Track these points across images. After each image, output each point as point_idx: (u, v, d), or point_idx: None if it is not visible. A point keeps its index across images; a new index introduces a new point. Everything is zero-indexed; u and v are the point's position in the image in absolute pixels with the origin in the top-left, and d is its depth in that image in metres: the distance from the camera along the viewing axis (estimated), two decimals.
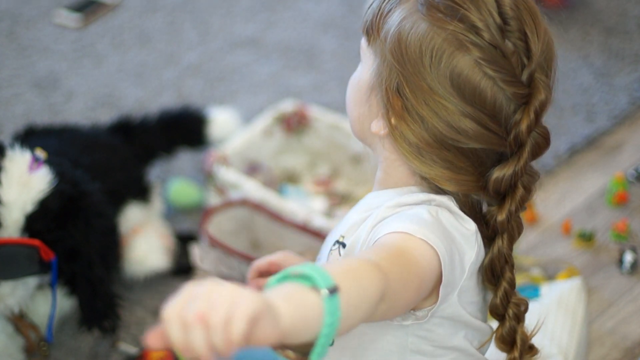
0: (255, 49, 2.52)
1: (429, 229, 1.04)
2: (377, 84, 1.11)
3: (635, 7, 2.61)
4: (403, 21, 1.09)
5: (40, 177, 1.52)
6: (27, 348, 1.61)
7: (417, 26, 1.07)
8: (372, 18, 1.13)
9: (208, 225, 1.79)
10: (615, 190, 1.99)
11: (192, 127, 2.00)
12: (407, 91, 1.08)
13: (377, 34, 1.11)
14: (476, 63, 1.05)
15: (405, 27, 1.08)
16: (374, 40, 1.12)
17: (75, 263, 1.55)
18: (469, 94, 1.06)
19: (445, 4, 1.07)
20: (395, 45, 1.08)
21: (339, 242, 1.16)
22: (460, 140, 1.08)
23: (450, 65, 1.06)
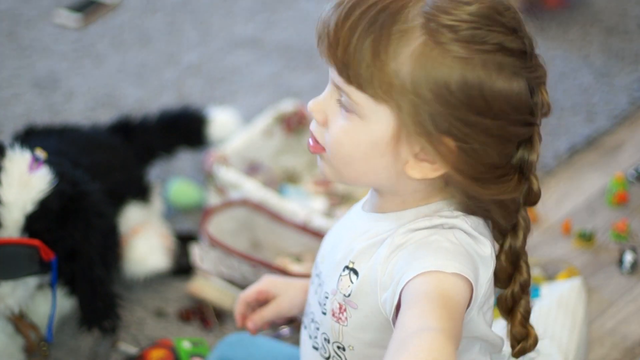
0: (255, 49, 2.52)
1: (457, 259, 1.04)
2: (409, 133, 1.06)
3: (635, 7, 2.61)
4: (428, 64, 1.03)
5: (40, 177, 1.52)
6: (27, 348, 1.61)
7: (450, 65, 1.03)
8: (365, 72, 1.04)
9: (208, 225, 1.79)
10: (615, 190, 1.99)
11: (192, 127, 2.00)
12: (463, 130, 1.05)
13: (388, 87, 1.04)
14: (513, 73, 1.06)
15: (437, 70, 1.03)
16: (385, 93, 1.05)
17: (75, 263, 1.55)
18: (518, 104, 1.07)
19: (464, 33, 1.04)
20: (435, 92, 1.03)
21: (350, 268, 1.13)
22: (511, 147, 1.09)
23: (502, 90, 1.05)
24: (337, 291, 1.14)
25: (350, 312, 1.12)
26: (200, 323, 1.76)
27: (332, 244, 1.21)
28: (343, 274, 1.13)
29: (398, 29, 1.03)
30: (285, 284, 1.34)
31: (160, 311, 1.78)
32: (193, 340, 1.67)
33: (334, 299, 1.14)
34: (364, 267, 1.11)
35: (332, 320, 1.14)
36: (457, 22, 1.03)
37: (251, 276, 1.74)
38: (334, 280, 1.15)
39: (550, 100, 1.12)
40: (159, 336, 1.72)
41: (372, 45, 1.03)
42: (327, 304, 1.15)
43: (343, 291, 1.12)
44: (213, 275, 1.78)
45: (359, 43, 1.04)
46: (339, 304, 1.13)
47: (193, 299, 1.80)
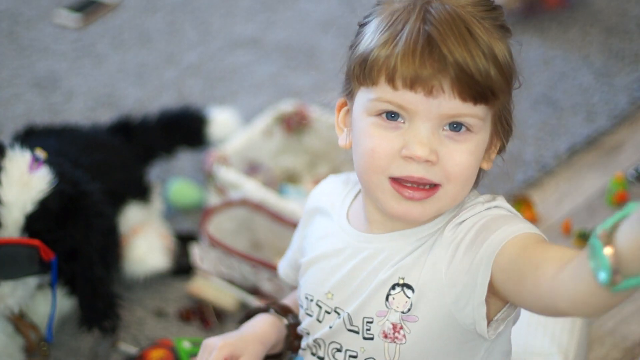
0: (255, 49, 2.52)
1: (525, 222, 1.09)
2: (497, 125, 1.12)
3: (635, 7, 2.61)
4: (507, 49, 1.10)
5: (40, 177, 1.52)
6: (27, 348, 1.61)
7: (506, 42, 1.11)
8: (496, 80, 1.07)
9: (208, 225, 1.79)
10: (615, 190, 1.99)
11: (192, 127, 2.00)
12: (509, 99, 1.12)
13: (507, 84, 1.10)
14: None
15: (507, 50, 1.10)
16: (503, 93, 1.10)
17: (75, 263, 1.55)
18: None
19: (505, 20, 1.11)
20: (509, 71, 1.10)
21: (401, 284, 1.12)
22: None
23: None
24: (388, 311, 1.13)
25: (409, 328, 1.12)
26: (200, 323, 1.76)
27: (342, 274, 1.18)
28: (393, 293, 1.12)
29: (478, 28, 1.07)
30: (242, 343, 1.28)
31: (160, 311, 1.78)
32: (193, 340, 1.67)
33: (385, 321, 1.13)
34: (417, 278, 1.11)
35: (386, 342, 1.13)
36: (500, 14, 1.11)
37: (251, 276, 1.74)
38: (378, 303, 1.13)
39: (550, 100, 1.14)
40: (159, 336, 1.72)
41: (484, 55, 1.06)
42: (372, 328, 1.14)
43: (400, 309, 1.12)
44: (213, 275, 1.78)
45: (478, 58, 1.06)
46: (393, 323, 1.13)
47: (193, 299, 1.80)
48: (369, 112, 1.11)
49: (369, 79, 1.10)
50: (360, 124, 1.12)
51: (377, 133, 1.10)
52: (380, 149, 1.10)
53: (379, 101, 1.09)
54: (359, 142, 1.13)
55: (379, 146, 1.10)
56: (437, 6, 1.08)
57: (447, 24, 1.05)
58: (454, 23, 1.05)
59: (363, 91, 1.12)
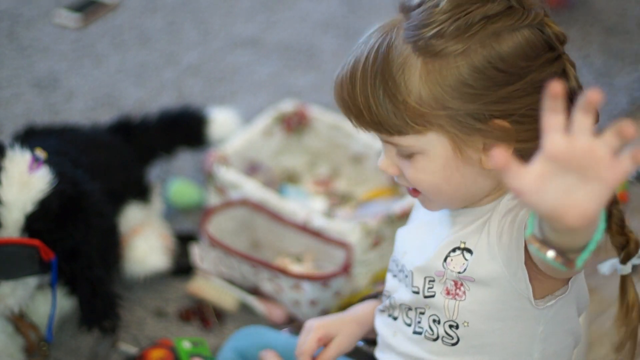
0: (255, 49, 2.52)
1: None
2: (464, 140, 1.10)
3: (635, 7, 2.61)
4: (438, 77, 1.08)
5: (40, 177, 1.52)
6: (27, 348, 1.61)
7: (455, 65, 1.07)
8: (396, 120, 1.10)
9: (208, 225, 1.79)
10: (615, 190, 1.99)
11: (192, 127, 2.00)
12: (503, 107, 1.09)
13: (421, 118, 1.09)
14: (511, 30, 1.09)
15: (448, 77, 1.08)
16: (423, 124, 1.09)
17: (75, 263, 1.55)
18: (534, 52, 1.10)
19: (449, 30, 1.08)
20: (458, 96, 1.08)
21: (461, 248, 1.16)
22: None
23: (510, 52, 1.08)
24: (445, 271, 1.17)
25: (468, 286, 1.16)
26: (200, 323, 1.76)
27: (416, 239, 1.24)
28: (453, 255, 1.16)
29: (397, 67, 1.09)
30: (338, 323, 1.35)
31: (160, 311, 1.78)
32: (193, 340, 1.67)
33: (444, 279, 1.17)
34: (474, 243, 1.15)
35: (447, 298, 1.17)
36: (438, 27, 1.08)
37: (251, 276, 1.74)
38: (436, 265, 1.18)
39: None
40: (159, 336, 1.72)
41: (386, 95, 1.09)
42: (434, 286, 1.19)
43: (456, 269, 1.16)
44: (213, 275, 1.78)
45: (376, 101, 1.10)
46: (454, 281, 1.16)
47: (193, 299, 1.80)
48: None
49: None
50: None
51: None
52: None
53: None
54: None
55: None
56: (378, 34, 1.12)
57: (356, 66, 1.11)
58: (366, 59, 1.10)
59: None
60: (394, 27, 1.12)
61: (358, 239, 1.74)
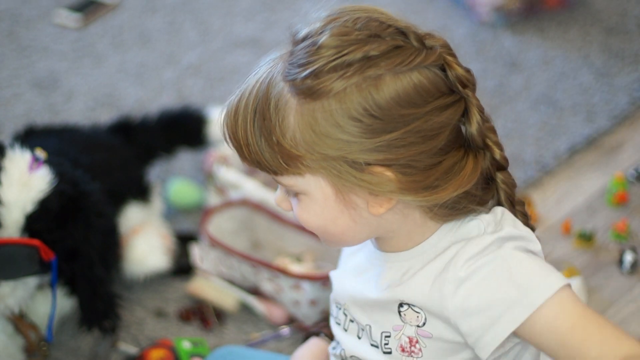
0: (255, 49, 2.52)
1: (544, 270, 1.07)
2: (343, 185, 1.06)
3: (635, 7, 2.61)
4: (311, 121, 1.03)
5: (40, 177, 1.52)
6: (27, 348, 1.61)
7: (328, 109, 1.02)
8: (272, 159, 1.06)
9: (208, 225, 1.79)
10: (615, 190, 1.99)
11: (192, 127, 2.00)
12: (382, 156, 1.03)
13: (295, 160, 1.05)
14: (395, 73, 1.02)
15: (321, 122, 1.03)
16: (298, 167, 1.06)
17: (75, 263, 1.55)
18: (422, 98, 1.03)
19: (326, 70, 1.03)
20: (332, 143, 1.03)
21: (406, 303, 1.12)
22: (441, 139, 1.06)
23: (391, 98, 1.02)
24: (403, 326, 1.13)
25: (424, 342, 1.12)
26: (200, 323, 1.76)
27: (357, 285, 1.19)
28: (403, 309, 1.13)
29: (274, 106, 1.05)
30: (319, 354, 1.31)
31: (160, 311, 1.78)
32: (193, 340, 1.67)
33: (401, 334, 1.13)
34: (419, 301, 1.11)
35: (403, 355, 1.14)
36: (314, 66, 1.03)
37: (251, 276, 1.74)
38: (393, 318, 1.14)
39: (550, 100, 1.12)
40: (159, 336, 1.72)
41: (262, 133, 1.05)
42: (390, 342, 1.15)
43: (414, 323, 1.12)
44: (213, 275, 1.78)
45: (253, 138, 1.06)
46: (409, 337, 1.13)
47: (193, 299, 1.80)
48: None
49: None
50: None
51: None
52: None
53: None
54: None
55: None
56: (264, 68, 1.09)
57: (243, 98, 1.09)
58: (249, 97, 1.08)
59: None
60: (279, 62, 1.07)
61: None
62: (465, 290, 1.07)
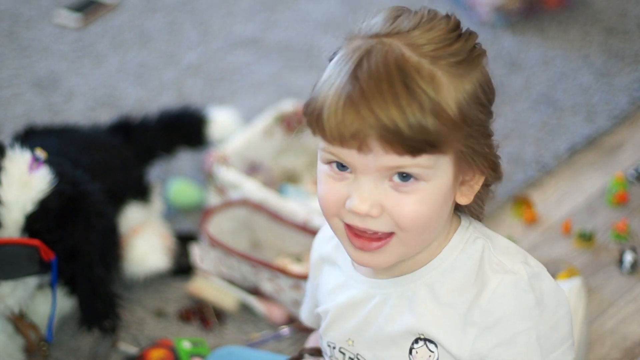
0: (255, 49, 2.52)
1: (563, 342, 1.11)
2: (461, 166, 1.06)
3: (635, 7, 2.61)
4: (459, 86, 1.03)
5: (40, 177, 1.52)
6: (27, 348, 1.61)
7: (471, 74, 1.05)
8: (434, 132, 1.01)
9: (208, 225, 1.79)
10: (615, 190, 1.99)
11: (192, 127, 2.00)
12: (486, 131, 1.07)
13: (451, 129, 1.02)
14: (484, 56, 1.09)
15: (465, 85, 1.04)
16: (448, 141, 1.03)
17: (75, 263, 1.55)
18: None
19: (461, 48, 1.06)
20: (470, 108, 1.04)
21: (422, 339, 1.11)
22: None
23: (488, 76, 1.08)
24: None
25: None
26: (200, 323, 1.76)
27: (358, 321, 1.17)
28: (417, 347, 1.11)
29: (426, 80, 1.02)
30: None
31: (160, 311, 1.78)
32: (193, 340, 1.67)
33: None
34: (438, 336, 1.10)
35: None
36: (450, 46, 1.05)
37: (251, 276, 1.74)
38: (402, 355, 1.13)
39: (550, 100, 1.13)
40: (159, 336, 1.72)
41: (430, 108, 1.01)
42: None
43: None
44: (213, 275, 1.78)
45: (413, 111, 1.00)
46: None
47: (193, 299, 1.80)
48: (322, 160, 1.09)
49: (312, 126, 1.08)
50: (318, 168, 1.11)
51: (327, 182, 1.08)
52: (328, 198, 1.08)
53: (325, 151, 1.07)
54: (318, 187, 1.11)
55: (328, 194, 1.08)
56: (377, 56, 1.03)
57: (377, 79, 1.01)
58: (387, 77, 1.01)
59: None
60: (386, 45, 1.04)
61: None
62: (491, 339, 1.08)
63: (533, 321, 1.08)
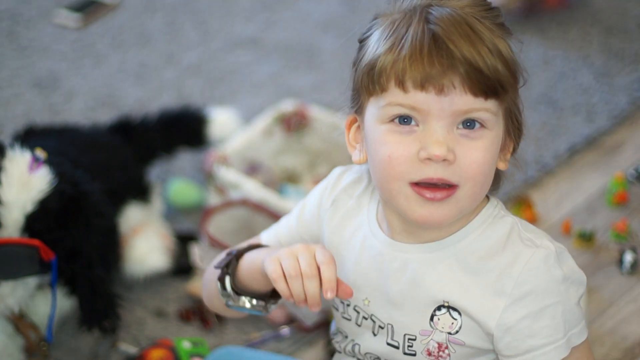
0: (255, 49, 2.52)
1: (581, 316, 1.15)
2: (508, 123, 1.12)
3: (635, 7, 2.61)
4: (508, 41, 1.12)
5: (40, 177, 1.52)
6: (27, 348, 1.61)
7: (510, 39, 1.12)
8: (503, 74, 1.08)
9: (208, 225, 1.79)
10: (615, 190, 1.99)
11: (192, 127, 2.00)
12: (516, 95, 1.13)
13: (514, 77, 1.11)
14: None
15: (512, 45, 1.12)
16: (513, 87, 1.11)
17: (75, 263, 1.55)
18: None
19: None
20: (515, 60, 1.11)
21: (446, 306, 1.12)
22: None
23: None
24: (433, 331, 1.13)
25: (454, 348, 1.13)
26: (200, 323, 1.76)
27: (378, 282, 1.16)
28: (439, 313, 1.12)
29: (483, 27, 1.09)
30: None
31: (160, 311, 1.78)
32: (193, 340, 1.67)
33: (429, 340, 1.13)
34: (464, 304, 1.11)
35: (429, 359, 1.14)
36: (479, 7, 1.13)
37: None
38: (422, 322, 1.13)
39: (550, 100, 1.15)
40: (159, 336, 1.72)
41: (490, 52, 1.08)
42: (414, 345, 1.14)
43: (446, 330, 1.12)
44: None
45: (487, 55, 1.07)
46: (438, 343, 1.13)
47: (193, 299, 1.80)
48: (382, 120, 1.10)
49: (378, 86, 1.09)
50: (374, 133, 1.11)
51: (393, 139, 1.09)
52: (398, 154, 1.09)
53: (390, 106, 1.09)
54: (376, 152, 1.11)
55: (396, 151, 1.09)
56: (438, 9, 1.09)
57: (450, 23, 1.07)
58: (457, 22, 1.07)
59: (373, 101, 1.11)
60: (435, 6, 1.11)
61: None
62: (520, 310, 1.10)
63: (560, 296, 1.10)
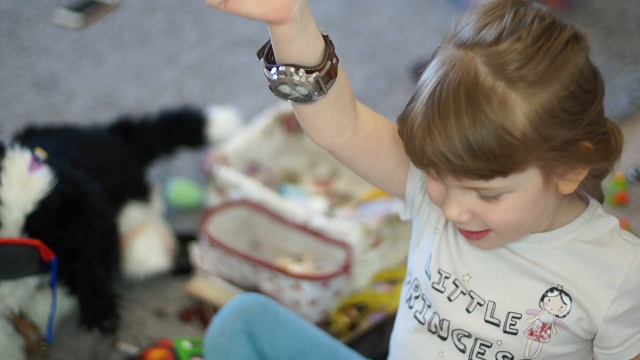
0: (255, 49, 2.50)
1: None
2: (556, 171, 1.08)
3: (635, 7, 2.61)
4: (534, 105, 1.04)
5: (40, 177, 1.52)
6: (27, 348, 1.61)
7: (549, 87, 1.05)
8: (502, 160, 1.02)
9: (208, 225, 1.79)
10: (615, 190, 1.99)
11: (192, 127, 2.00)
12: (587, 129, 1.08)
13: (525, 153, 1.03)
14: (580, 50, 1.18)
15: (542, 101, 1.04)
16: (526, 160, 1.04)
17: (75, 263, 1.55)
18: (595, 71, 1.16)
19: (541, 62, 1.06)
20: (553, 121, 1.05)
21: (559, 290, 1.13)
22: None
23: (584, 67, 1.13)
24: (540, 312, 1.13)
25: (556, 330, 1.14)
26: (200, 323, 1.76)
27: (483, 263, 1.16)
28: (550, 295, 1.13)
29: (497, 105, 1.02)
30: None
31: (160, 311, 1.78)
32: (193, 340, 1.67)
33: (535, 319, 1.14)
34: (576, 293, 1.13)
35: (530, 339, 1.14)
36: (529, 61, 1.04)
37: (251, 276, 1.74)
38: (531, 302, 1.14)
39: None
40: (159, 336, 1.72)
41: (491, 134, 1.02)
42: (517, 324, 1.14)
43: (555, 312, 1.13)
44: (213, 275, 1.78)
45: (478, 142, 1.02)
46: (543, 323, 1.13)
47: (193, 299, 1.80)
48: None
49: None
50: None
51: (429, 181, 1.11)
52: (433, 197, 1.12)
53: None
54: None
55: (431, 194, 1.12)
56: (451, 80, 1.04)
57: (444, 109, 1.03)
58: (454, 107, 1.02)
59: None
60: (465, 63, 1.04)
61: (358, 239, 1.74)
62: (626, 304, 1.12)
63: None
